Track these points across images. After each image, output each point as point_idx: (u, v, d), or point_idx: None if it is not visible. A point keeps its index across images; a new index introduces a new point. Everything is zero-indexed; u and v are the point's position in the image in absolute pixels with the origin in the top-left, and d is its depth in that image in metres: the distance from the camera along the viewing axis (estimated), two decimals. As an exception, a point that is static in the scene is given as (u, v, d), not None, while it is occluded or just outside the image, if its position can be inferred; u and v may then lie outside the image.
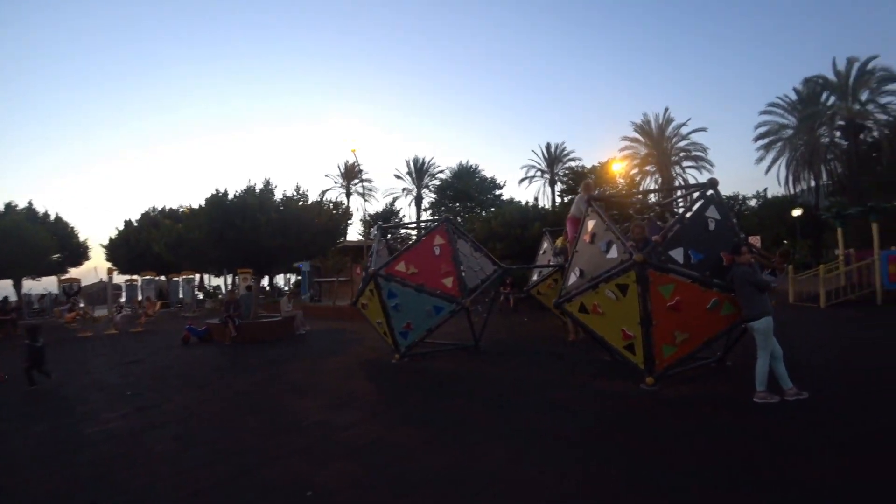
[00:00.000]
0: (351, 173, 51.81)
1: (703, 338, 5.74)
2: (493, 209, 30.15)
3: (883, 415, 4.59)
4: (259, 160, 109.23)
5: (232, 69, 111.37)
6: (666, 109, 34.18)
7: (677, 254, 5.59)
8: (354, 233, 39.03)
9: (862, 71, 29.15)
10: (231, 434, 5.11)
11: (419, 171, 47.15)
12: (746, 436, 4.25)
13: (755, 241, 24.51)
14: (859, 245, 22.44)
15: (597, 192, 7.74)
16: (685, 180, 35.48)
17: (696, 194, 6.42)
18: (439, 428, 4.96)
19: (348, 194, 52.24)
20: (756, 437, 4.21)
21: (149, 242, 19.26)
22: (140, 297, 25.67)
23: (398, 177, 47.95)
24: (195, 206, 15.25)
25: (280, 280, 44.24)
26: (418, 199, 46.56)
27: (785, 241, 31.71)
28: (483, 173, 42.26)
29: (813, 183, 33.03)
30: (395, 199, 47.58)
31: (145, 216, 31.59)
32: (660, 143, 32.71)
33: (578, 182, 28.75)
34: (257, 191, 14.52)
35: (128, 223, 31.09)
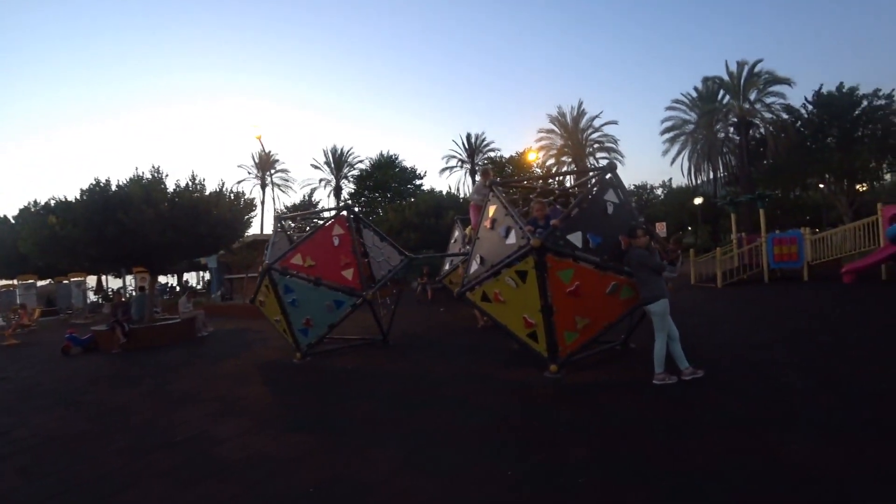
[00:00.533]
0: (266, 163, 49.15)
1: (603, 322, 5.62)
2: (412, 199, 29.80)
3: (769, 389, 4.64)
4: (164, 152, 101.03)
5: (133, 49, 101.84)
6: (580, 102, 35.61)
7: (576, 238, 5.39)
8: (269, 226, 36.94)
9: (750, 73, 31.75)
10: (91, 458, 4.34)
11: (338, 161, 45.68)
12: (644, 420, 4.15)
13: (661, 227, 26.03)
14: (750, 229, 24.50)
15: (497, 179, 7.43)
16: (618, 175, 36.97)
17: (596, 179, 6.28)
18: (330, 433, 4.48)
19: (263, 185, 49.52)
20: (654, 419, 4.13)
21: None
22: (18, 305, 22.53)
23: (315, 167, 46.16)
24: (71, 198, 13.36)
25: (193, 278, 41.14)
26: (337, 190, 45.06)
27: (680, 232, 34.08)
28: (403, 163, 41.75)
29: (712, 174, 35.76)
30: (313, 190, 45.79)
31: (25, 211, 27.72)
32: (574, 134, 33.87)
33: (498, 172, 29.31)
34: (145, 181, 12.96)
35: (1, 220, 27.18)
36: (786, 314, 9.02)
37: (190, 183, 13.87)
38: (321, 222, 9.12)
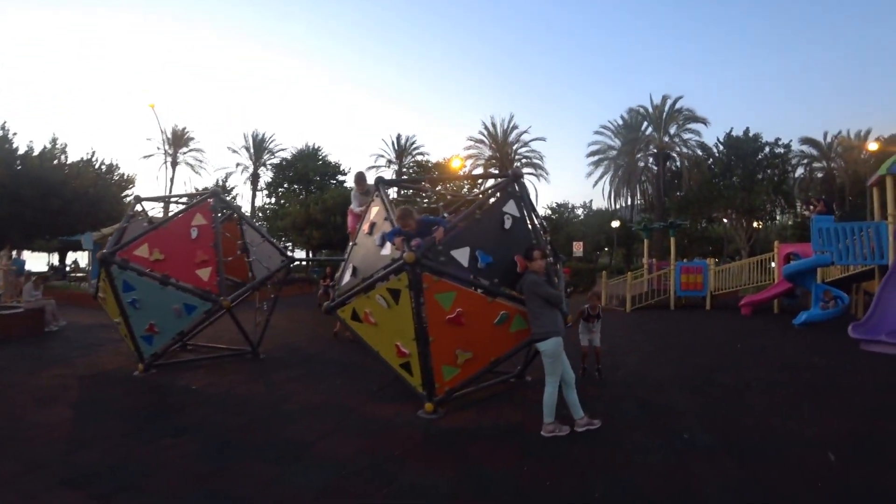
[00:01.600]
0: (179, 140, 45.07)
1: (489, 357, 4.71)
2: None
3: (669, 450, 3.93)
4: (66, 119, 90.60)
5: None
6: (511, 116, 35.52)
7: (462, 255, 4.44)
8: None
9: (672, 108, 33.42)
10: None
11: (258, 147, 42.76)
12: (518, 489, 3.26)
13: (578, 247, 26.41)
14: (661, 256, 25.38)
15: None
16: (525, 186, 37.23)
17: (495, 190, 5.34)
18: (113, 489, 3.24)
19: (174, 164, 45.28)
20: (530, 489, 3.24)
21: None
22: None
23: (234, 150, 42.97)
24: None
25: (84, 259, 36.36)
26: (254, 177, 42.04)
27: (599, 252, 35.01)
28: (327, 157, 39.96)
29: (630, 200, 37.21)
30: (228, 175, 42.40)
31: None
32: (503, 146, 33.80)
33: (425, 175, 28.40)
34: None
35: None
36: (691, 346, 8.73)
37: (49, 147, 11.62)
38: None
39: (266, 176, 41.04)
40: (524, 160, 35.27)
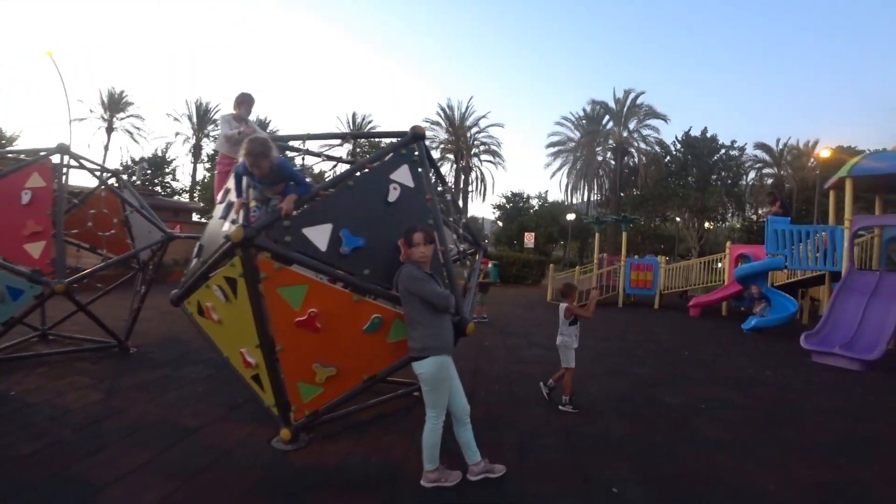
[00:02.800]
0: (116, 104, 41.52)
1: (360, 374, 3.47)
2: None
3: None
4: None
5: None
6: (470, 98, 33.91)
7: (320, 234, 3.16)
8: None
9: (633, 103, 33.01)
10: None
11: (202, 117, 39.86)
12: None
13: (529, 237, 25.55)
14: (613, 251, 24.94)
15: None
16: (481, 172, 36.27)
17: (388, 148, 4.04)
18: None
19: (110, 130, 41.67)
20: None
21: None
22: None
23: (175, 119, 39.97)
24: None
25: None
26: (196, 149, 39.24)
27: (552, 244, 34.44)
28: (277, 132, 37.67)
29: (587, 194, 36.78)
30: (168, 145, 39.36)
31: None
32: (460, 130, 32.42)
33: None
34: None
35: None
36: (634, 353, 7.81)
37: None
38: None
39: (209, 147, 38.33)
40: (482, 146, 34.15)
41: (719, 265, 14.72)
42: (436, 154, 31.12)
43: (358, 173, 3.53)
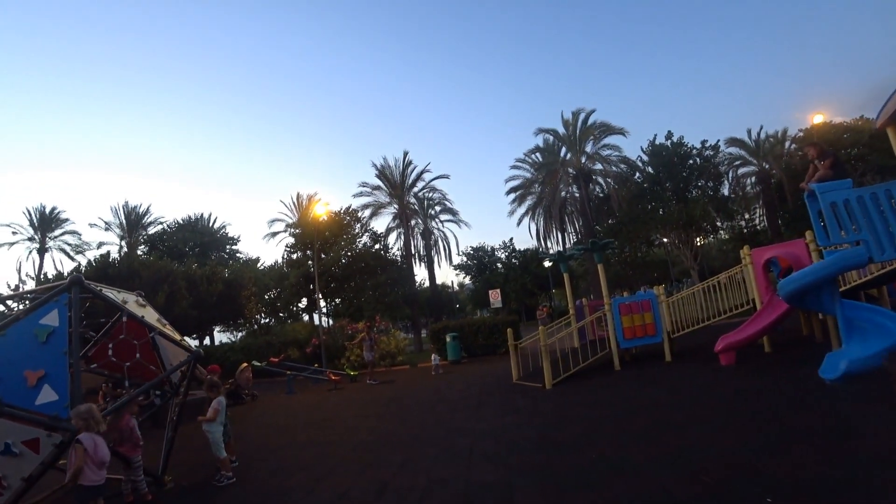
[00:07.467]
0: (48, 222, 37.98)
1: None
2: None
3: None
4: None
5: None
6: (405, 153, 29.36)
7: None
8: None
9: (585, 123, 29.89)
10: None
11: (132, 222, 36.52)
12: None
13: (495, 295, 20.96)
14: (598, 294, 20.35)
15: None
16: (444, 234, 32.22)
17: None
18: None
19: (43, 250, 37.71)
20: None
21: None
22: None
23: (106, 226, 36.56)
24: None
25: None
26: (129, 254, 35.48)
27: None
28: (214, 226, 34.06)
29: (560, 235, 32.74)
30: (105, 255, 35.61)
31: None
32: (399, 189, 28.41)
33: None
34: None
35: None
36: (646, 470, 3.15)
37: None
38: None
39: (140, 251, 34.62)
40: (438, 207, 30.20)
41: (747, 279, 10.23)
42: (382, 221, 27.15)
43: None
